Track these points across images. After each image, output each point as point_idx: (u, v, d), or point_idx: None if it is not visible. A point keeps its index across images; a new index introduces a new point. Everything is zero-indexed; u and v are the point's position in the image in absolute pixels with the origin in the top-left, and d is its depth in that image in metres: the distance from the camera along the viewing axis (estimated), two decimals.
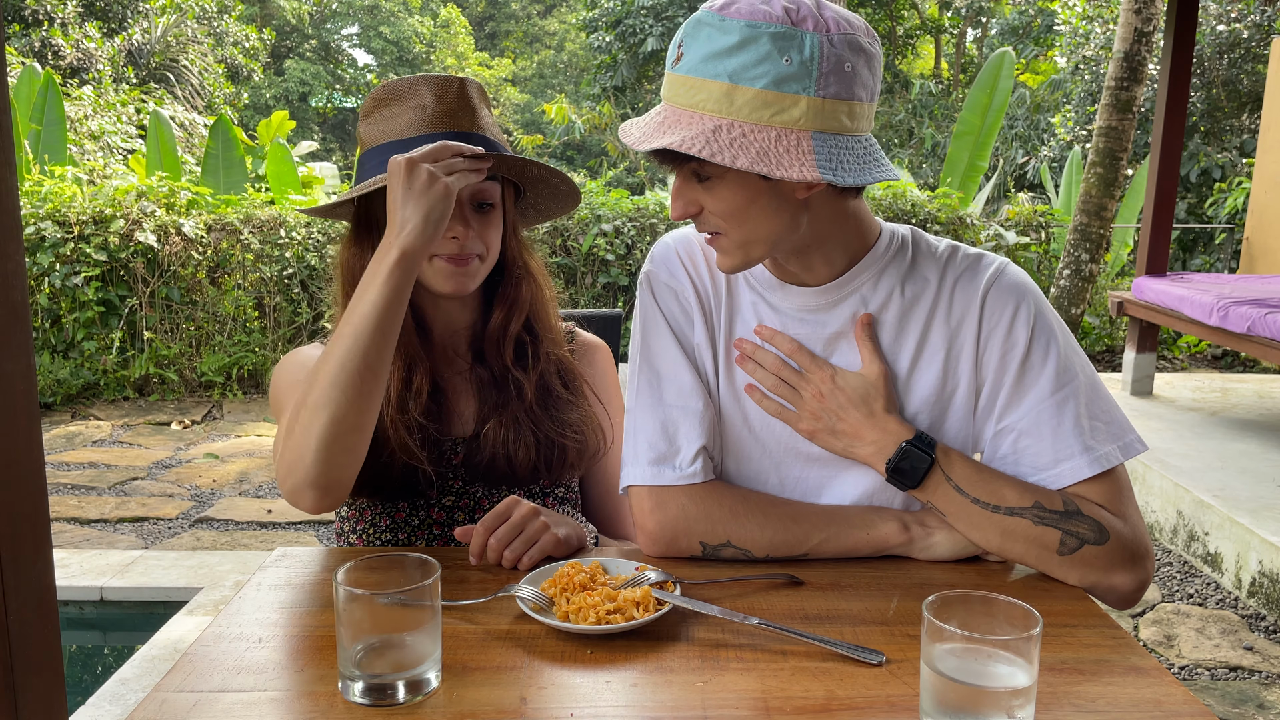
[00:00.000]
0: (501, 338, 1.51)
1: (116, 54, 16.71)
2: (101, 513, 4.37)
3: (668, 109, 1.18)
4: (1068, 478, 1.24)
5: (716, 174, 1.18)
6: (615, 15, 18.32)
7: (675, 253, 1.42)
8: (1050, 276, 7.87)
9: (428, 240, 1.24)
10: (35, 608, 0.66)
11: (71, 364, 6.38)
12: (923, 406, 1.32)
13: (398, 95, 1.42)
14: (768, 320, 1.36)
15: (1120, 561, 1.22)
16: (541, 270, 1.57)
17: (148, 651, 2.92)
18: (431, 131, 1.39)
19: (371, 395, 1.24)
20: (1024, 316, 1.30)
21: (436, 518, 1.49)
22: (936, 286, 1.33)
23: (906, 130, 16.98)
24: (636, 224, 7.11)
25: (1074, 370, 1.28)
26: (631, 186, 14.47)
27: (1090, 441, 1.25)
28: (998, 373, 1.30)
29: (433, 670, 1.00)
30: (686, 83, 1.15)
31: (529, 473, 1.48)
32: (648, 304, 1.42)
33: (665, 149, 1.13)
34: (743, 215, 1.20)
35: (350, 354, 1.22)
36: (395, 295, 1.23)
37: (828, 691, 0.99)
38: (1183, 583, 3.62)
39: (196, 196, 6.81)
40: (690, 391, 1.35)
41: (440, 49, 31.44)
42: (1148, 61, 6.84)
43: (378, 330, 1.22)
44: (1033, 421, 1.27)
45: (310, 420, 1.22)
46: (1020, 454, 1.28)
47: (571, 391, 1.56)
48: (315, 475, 1.22)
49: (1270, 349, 4.12)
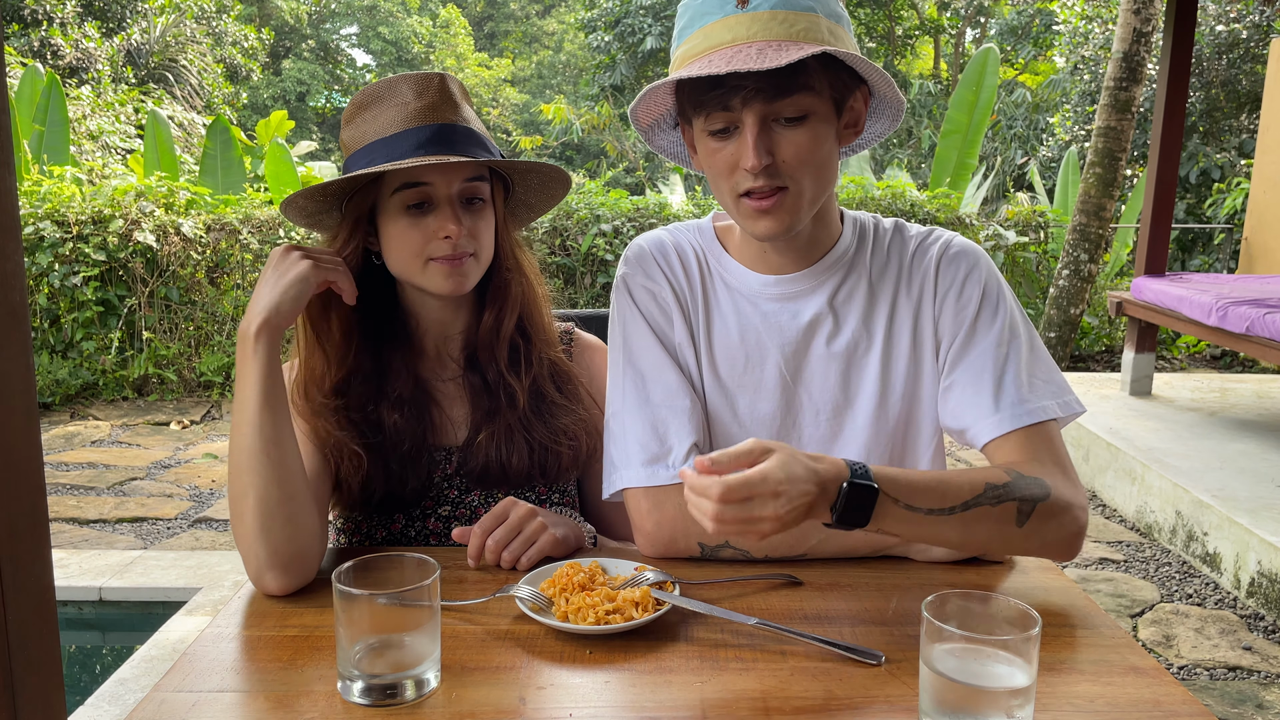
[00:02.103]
0: (494, 339, 1.49)
1: (115, 54, 16.69)
2: (100, 513, 4.37)
3: (752, 45, 1.17)
4: (1008, 424, 1.26)
5: (813, 110, 1.21)
6: (614, 15, 18.33)
7: (649, 254, 1.44)
8: (1049, 276, 7.88)
9: (283, 315, 1.29)
10: (34, 608, 0.66)
11: (70, 364, 6.37)
12: (902, 379, 1.36)
13: (379, 96, 1.40)
14: (744, 312, 1.39)
15: (1061, 509, 1.21)
16: (534, 268, 1.56)
17: (147, 652, 2.91)
18: (415, 126, 1.37)
19: (285, 464, 1.25)
20: (975, 278, 1.35)
21: (433, 528, 1.48)
22: (898, 263, 1.39)
23: (905, 130, 16.98)
24: (635, 224, 7.10)
25: (1018, 330, 1.33)
26: (630, 187, 14.48)
27: (1028, 394, 1.28)
28: (952, 331, 1.35)
29: (432, 670, 1.00)
30: (777, 17, 1.18)
31: (524, 479, 1.47)
32: (625, 306, 1.43)
33: (784, 74, 1.16)
34: (820, 160, 1.24)
35: (250, 436, 1.25)
36: (267, 367, 1.27)
37: (827, 691, 0.99)
38: (1181, 583, 3.63)
39: (195, 196, 6.81)
40: (677, 390, 1.36)
41: (439, 49, 31.43)
42: (1147, 62, 6.83)
43: (266, 405, 1.26)
44: (976, 373, 1.30)
45: (240, 510, 1.24)
46: (962, 406, 1.31)
47: (566, 395, 1.53)
48: (268, 557, 1.22)
49: (1269, 349, 4.12)
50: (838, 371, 1.37)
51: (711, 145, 1.25)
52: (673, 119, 1.39)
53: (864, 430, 1.37)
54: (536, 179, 1.53)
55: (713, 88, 1.19)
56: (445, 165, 1.37)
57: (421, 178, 1.37)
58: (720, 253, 1.43)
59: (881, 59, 20.27)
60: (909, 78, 19.97)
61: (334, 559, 1.34)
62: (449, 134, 1.38)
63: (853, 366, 1.37)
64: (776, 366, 1.38)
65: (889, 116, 1.36)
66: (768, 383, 1.38)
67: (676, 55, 1.26)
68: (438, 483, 1.47)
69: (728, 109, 1.20)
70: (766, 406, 1.39)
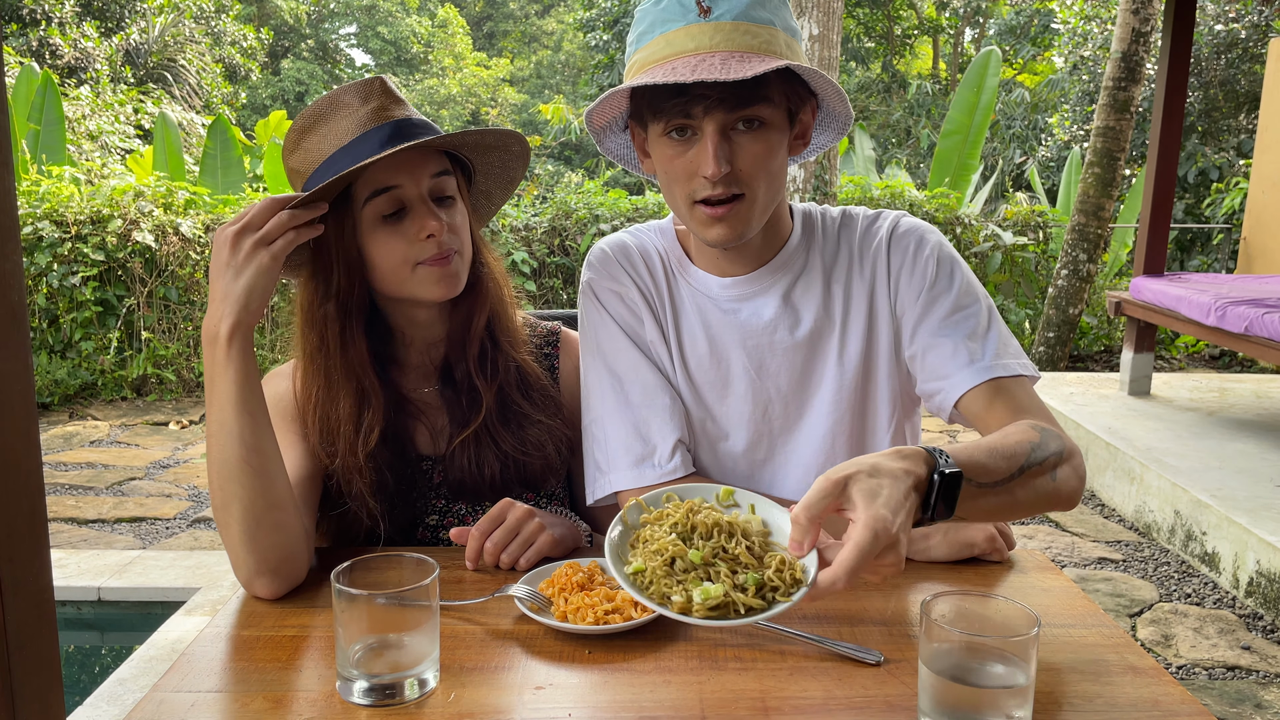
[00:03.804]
0: (465, 337, 1.47)
1: (114, 53, 16.69)
2: (99, 513, 4.36)
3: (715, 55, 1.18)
4: (984, 374, 1.27)
5: (770, 121, 1.23)
6: (612, 15, 18.32)
7: (612, 257, 1.45)
8: (1048, 276, 7.88)
9: (253, 313, 1.21)
10: (33, 608, 0.66)
11: (69, 364, 6.37)
12: (856, 359, 1.39)
13: (321, 114, 1.37)
14: (706, 311, 1.41)
15: (1071, 454, 1.21)
16: (501, 269, 1.53)
17: (145, 652, 2.91)
18: (373, 126, 1.34)
19: (268, 472, 1.22)
20: (926, 250, 1.38)
21: (421, 537, 1.47)
22: (849, 249, 1.41)
23: (904, 130, 16.99)
24: (635, 224, 7.10)
25: (975, 294, 1.36)
26: (629, 186, 14.47)
27: (1002, 350, 1.30)
28: (911, 303, 1.36)
29: (431, 670, 1.00)
30: (739, 28, 1.19)
31: (503, 489, 1.45)
32: (593, 311, 1.44)
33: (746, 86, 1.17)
34: (774, 170, 1.26)
35: (228, 445, 1.20)
36: (243, 372, 1.21)
37: (826, 691, 0.99)
38: (1180, 582, 3.63)
39: (194, 196, 6.80)
40: (655, 388, 1.38)
41: (438, 49, 31.42)
42: (1145, 62, 6.84)
43: (243, 412, 1.21)
44: (946, 333, 1.32)
45: (226, 519, 1.21)
46: (937, 364, 1.32)
47: (534, 402, 1.50)
48: (256, 564, 1.20)
49: (1268, 349, 4.12)
50: (800, 361, 1.40)
51: (668, 151, 1.26)
52: (623, 122, 1.39)
53: (827, 414, 1.39)
54: (497, 159, 1.50)
55: (675, 95, 1.20)
56: (412, 164, 1.34)
57: (391, 181, 1.33)
58: (681, 254, 1.45)
59: (880, 59, 20.28)
60: (908, 77, 19.98)
61: (331, 560, 1.34)
62: (407, 128, 1.35)
63: (813, 353, 1.40)
64: (741, 364, 1.40)
65: (834, 129, 1.39)
66: (735, 379, 1.41)
67: (635, 60, 1.25)
68: (424, 493, 1.46)
69: (688, 116, 1.21)
70: (736, 401, 1.41)
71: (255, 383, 1.23)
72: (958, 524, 1.30)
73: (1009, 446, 1.13)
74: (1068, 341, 7.30)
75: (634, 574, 1.01)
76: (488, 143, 1.45)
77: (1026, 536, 4.11)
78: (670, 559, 1.00)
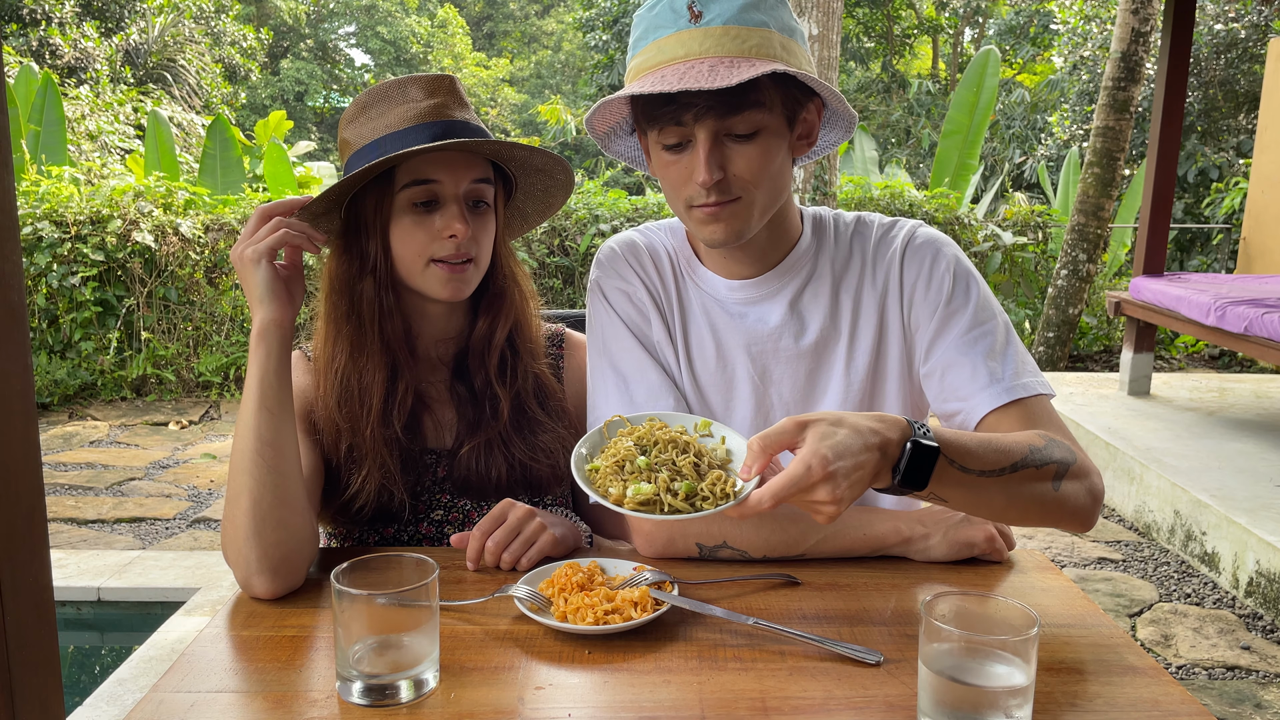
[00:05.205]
0: (486, 348, 1.49)
1: (114, 53, 16.68)
2: (99, 513, 4.36)
3: (704, 61, 1.17)
4: (1005, 395, 1.26)
5: (765, 126, 1.22)
6: (612, 15, 18.31)
7: (621, 255, 1.45)
8: (1048, 276, 7.88)
9: (281, 307, 1.28)
10: (33, 608, 0.66)
11: (69, 364, 6.37)
12: (864, 370, 1.37)
13: (386, 95, 1.40)
14: (713, 313, 1.40)
15: (1084, 473, 1.21)
16: (527, 280, 1.56)
17: (145, 652, 2.91)
18: (427, 122, 1.37)
19: (281, 469, 1.24)
20: (944, 264, 1.35)
21: (426, 532, 1.47)
22: (861, 256, 1.39)
23: (903, 130, 16.99)
24: (634, 224, 7.09)
25: (992, 310, 1.34)
26: (629, 186, 14.47)
27: (1020, 369, 1.29)
28: (926, 318, 1.34)
29: (431, 670, 1.00)
30: (729, 33, 1.17)
31: (507, 491, 1.47)
32: (601, 310, 1.43)
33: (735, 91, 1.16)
34: (772, 174, 1.25)
35: (246, 437, 1.24)
36: (264, 368, 1.25)
37: (825, 691, 0.99)
38: (1180, 582, 3.63)
39: (194, 196, 6.80)
40: (660, 390, 1.37)
41: (437, 49, 31.41)
42: (1145, 61, 6.84)
43: (263, 408, 1.24)
44: (962, 352, 1.30)
45: (233, 511, 1.23)
46: (954, 385, 1.30)
47: (548, 411, 1.53)
48: (257, 560, 1.21)
49: (1267, 349, 4.12)
50: (805, 370, 1.39)
51: (666, 158, 1.26)
52: (629, 125, 1.40)
53: None
54: (540, 182, 1.53)
55: (665, 103, 1.20)
56: (454, 164, 1.37)
57: (431, 175, 1.37)
58: (690, 254, 1.45)
59: (880, 59, 20.28)
60: (907, 77, 19.98)
61: (331, 559, 1.34)
62: (460, 130, 1.38)
63: (819, 363, 1.39)
64: (746, 369, 1.39)
65: (843, 126, 1.37)
66: (739, 384, 1.40)
67: (631, 66, 1.26)
68: (428, 487, 1.47)
69: (680, 124, 1.21)
70: (740, 406, 1.40)
71: (276, 381, 1.26)
72: (958, 524, 1.30)
73: (1006, 443, 1.14)
74: (1067, 341, 7.30)
75: (590, 470, 1.12)
76: (535, 164, 1.48)
77: (1026, 536, 4.11)
78: (621, 462, 1.11)
